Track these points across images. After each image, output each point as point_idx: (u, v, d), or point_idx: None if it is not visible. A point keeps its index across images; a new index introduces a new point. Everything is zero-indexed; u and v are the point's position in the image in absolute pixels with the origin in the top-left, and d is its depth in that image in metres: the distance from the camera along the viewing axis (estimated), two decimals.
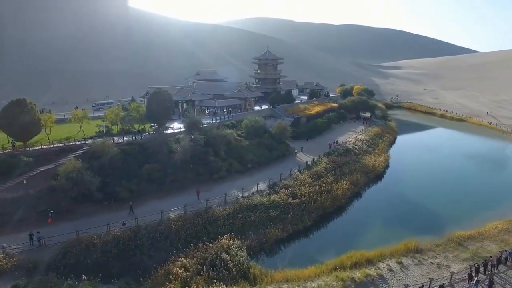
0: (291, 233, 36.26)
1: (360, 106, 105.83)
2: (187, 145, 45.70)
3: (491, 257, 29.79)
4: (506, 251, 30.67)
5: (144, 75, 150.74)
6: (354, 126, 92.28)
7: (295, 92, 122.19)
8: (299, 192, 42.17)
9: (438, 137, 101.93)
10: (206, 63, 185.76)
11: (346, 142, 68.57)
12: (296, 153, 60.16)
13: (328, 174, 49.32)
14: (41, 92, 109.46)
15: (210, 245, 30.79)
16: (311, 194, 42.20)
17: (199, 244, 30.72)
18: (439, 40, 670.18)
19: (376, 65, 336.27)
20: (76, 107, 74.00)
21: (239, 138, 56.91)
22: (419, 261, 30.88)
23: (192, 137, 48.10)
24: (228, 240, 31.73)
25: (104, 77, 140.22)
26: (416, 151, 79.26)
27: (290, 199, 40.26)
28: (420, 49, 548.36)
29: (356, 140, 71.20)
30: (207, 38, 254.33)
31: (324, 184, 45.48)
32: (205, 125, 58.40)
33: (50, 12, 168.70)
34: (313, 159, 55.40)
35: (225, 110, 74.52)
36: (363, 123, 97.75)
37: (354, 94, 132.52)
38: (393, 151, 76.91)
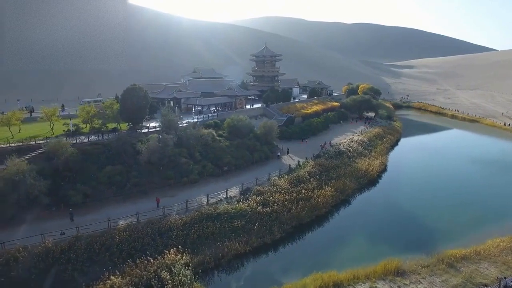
0: (256, 247, 31.76)
1: (362, 106, 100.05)
2: (154, 145, 41.80)
3: (485, 286, 24.56)
4: (505, 278, 25.33)
5: (150, 74, 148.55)
6: (355, 126, 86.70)
7: (296, 90, 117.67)
8: (272, 199, 37.55)
9: (446, 138, 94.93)
10: (212, 62, 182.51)
11: (340, 144, 63.42)
12: (279, 155, 55.23)
13: (311, 179, 44.48)
14: (49, 91, 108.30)
15: (152, 260, 26.70)
16: (286, 202, 37.56)
17: (139, 259, 26.66)
18: (455, 39, 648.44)
19: (388, 64, 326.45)
20: (63, 105, 71.53)
21: (219, 138, 52.71)
22: (399, 286, 25.94)
23: (160, 136, 44.16)
24: (175, 254, 27.57)
25: (108, 76, 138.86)
26: (419, 154, 73.14)
27: (259, 208, 35.71)
28: (435, 48, 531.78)
29: (352, 141, 65.87)
30: (214, 37, 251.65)
31: (303, 191, 40.72)
32: (185, 124, 54.79)
33: (58, 13, 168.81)
34: (298, 162, 50.68)
35: (212, 108, 70.55)
36: (365, 123, 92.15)
37: (359, 93, 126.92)
38: (394, 153, 71.26)
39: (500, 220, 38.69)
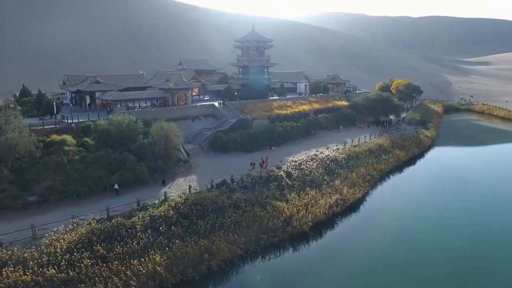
0: None
1: (377, 106, 73.38)
2: None
3: None
4: None
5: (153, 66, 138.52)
6: (358, 134, 61.73)
7: (302, 86, 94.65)
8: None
9: (502, 158, 62.81)
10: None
11: (289, 162, 40.76)
12: (116, 189, 31.93)
13: (142, 234, 23.98)
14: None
15: None
16: None
17: None
18: None
19: (456, 61, 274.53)
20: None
21: (68, 148, 34.78)
22: None
23: None
24: None
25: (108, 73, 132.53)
26: (436, 185, 45.57)
27: None
28: None
29: (314, 159, 42.40)
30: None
31: (86, 261, 20.70)
32: (52, 126, 38.77)
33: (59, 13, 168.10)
34: (165, 194, 30.27)
35: (135, 105, 52.96)
36: (377, 127, 66.93)
37: (392, 90, 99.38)
38: (393, 181, 45.77)
39: None
